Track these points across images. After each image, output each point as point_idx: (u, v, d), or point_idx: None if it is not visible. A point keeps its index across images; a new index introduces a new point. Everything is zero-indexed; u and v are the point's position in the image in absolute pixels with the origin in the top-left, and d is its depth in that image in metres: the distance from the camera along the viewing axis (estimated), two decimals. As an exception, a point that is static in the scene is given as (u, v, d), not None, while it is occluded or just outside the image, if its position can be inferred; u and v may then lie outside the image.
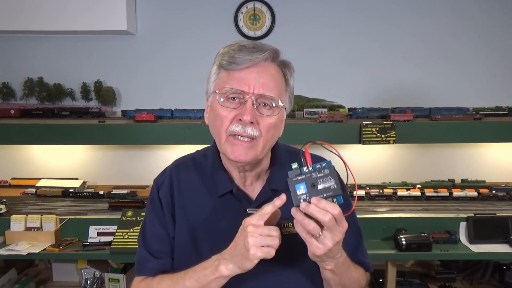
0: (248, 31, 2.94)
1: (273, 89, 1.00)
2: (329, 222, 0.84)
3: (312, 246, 0.88)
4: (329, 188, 0.85)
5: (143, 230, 1.15)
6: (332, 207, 0.84)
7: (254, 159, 1.01)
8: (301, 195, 0.86)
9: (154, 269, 1.09)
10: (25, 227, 2.28)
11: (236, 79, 0.99)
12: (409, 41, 2.92)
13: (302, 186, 0.86)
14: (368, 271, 1.18)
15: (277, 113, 1.01)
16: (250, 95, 0.98)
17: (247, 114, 0.97)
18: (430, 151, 2.92)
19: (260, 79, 0.99)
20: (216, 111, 1.01)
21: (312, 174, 0.86)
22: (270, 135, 1.01)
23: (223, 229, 0.93)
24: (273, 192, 1.07)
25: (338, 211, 0.84)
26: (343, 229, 0.87)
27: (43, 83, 2.92)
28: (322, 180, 0.86)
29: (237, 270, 0.93)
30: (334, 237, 0.86)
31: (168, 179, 1.13)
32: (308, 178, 0.86)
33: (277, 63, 1.03)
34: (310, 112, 2.71)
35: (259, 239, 0.88)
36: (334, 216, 0.84)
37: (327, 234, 0.86)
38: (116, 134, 2.59)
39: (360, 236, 1.17)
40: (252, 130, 0.98)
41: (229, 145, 1.00)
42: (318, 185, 0.86)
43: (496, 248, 2.20)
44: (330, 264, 0.94)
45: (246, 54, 0.98)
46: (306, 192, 0.86)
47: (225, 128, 1.00)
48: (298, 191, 0.86)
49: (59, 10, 2.77)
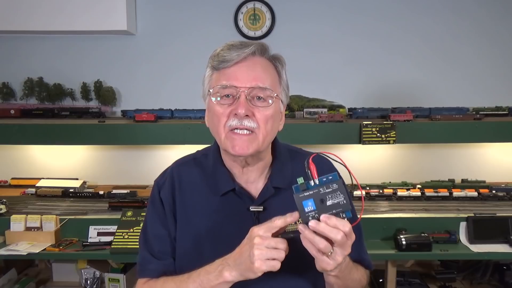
0: (248, 31, 2.94)
1: (265, 80, 1.00)
2: (341, 240, 0.83)
3: (323, 263, 0.87)
4: (338, 204, 0.83)
5: (144, 231, 1.14)
6: (342, 224, 0.83)
7: (255, 151, 1.01)
8: (310, 212, 0.83)
9: (156, 271, 1.09)
10: (25, 227, 2.28)
11: (227, 76, 1.00)
12: (409, 41, 2.92)
13: (310, 203, 0.83)
14: (368, 269, 1.18)
15: (272, 104, 1.01)
16: (243, 89, 0.98)
17: (241, 107, 0.97)
18: (430, 151, 2.92)
19: (250, 72, 0.99)
20: (213, 110, 1.02)
21: (320, 189, 0.83)
22: (269, 126, 1.01)
23: (225, 228, 0.92)
24: (276, 189, 1.07)
25: (349, 227, 0.83)
26: (352, 241, 0.87)
27: (43, 83, 2.92)
28: (331, 196, 0.83)
29: (240, 278, 0.92)
30: (344, 252, 0.86)
31: (169, 179, 1.13)
32: (316, 194, 0.83)
33: (266, 57, 1.04)
34: (310, 112, 2.72)
35: (265, 251, 0.87)
36: (345, 233, 0.83)
37: (338, 250, 0.85)
38: (116, 134, 2.59)
39: (361, 234, 1.17)
40: (249, 122, 0.99)
41: (229, 141, 1.00)
42: (326, 201, 0.83)
43: (496, 248, 2.20)
44: (335, 271, 0.93)
45: (234, 51, 0.99)
46: (315, 209, 0.83)
47: (223, 124, 1.00)
48: (306, 208, 0.83)
49: (59, 10, 2.77)
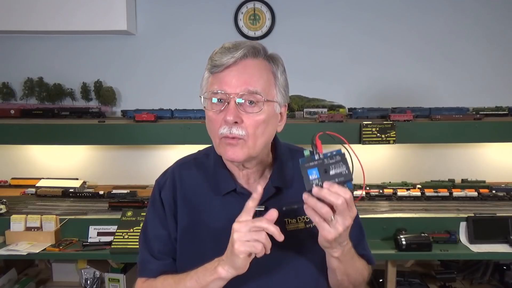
0: (248, 31, 2.94)
1: (256, 83, 0.99)
2: (341, 205, 0.86)
3: (324, 230, 0.89)
4: (341, 174, 0.87)
5: (144, 231, 1.15)
6: (344, 191, 0.86)
7: (247, 157, 1.00)
8: (314, 180, 0.88)
9: (155, 271, 1.10)
10: (25, 227, 2.28)
11: (219, 80, 0.99)
12: (410, 40, 2.92)
13: (315, 172, 0.88)
14: (370, 264, 1.19)
15: (264, 108, 1.00)
16: (233, 95, 0.97)
17: (230, 114, 0.96)
18: (430, 151, 2.92)
19: (240, 76, 0.98)
20: (207, 114, 1.03)
21: (324, 160, 0.88)
22: (259, 132, 1.00)
23: (227, 228, 0.93)
24: (277, 189, 1.07)
25: (350, 195, 0.87)
26: (353, 214, 0.89)
27: (43, 83, 2.92)
28: (334, 166, 0.88)
29: (233, 271, 0.93)
30: (345, 222, 0.88)
31: (170, 179, 1.13)
32: (320, 164, 0.88)
33: (261, 58, 1.02)
34: (310, 112, 2.72)
35: (243, 234, 0.89)
36: (346, 200, 0.86)
37: (339, 218, 0.88)
38: (116, 134, 2.59)
39: (362, 232, 1.18)
40: (237, 130, 0.97)
41: (221, 148, 1.01)
42: (330, 171, 0.88)
43: (496, 248, 2.20)
44: (338, 251, 0.96)
45: (224, 55, 0.98)
46: (318, 177, 0.88)
47: (216, 132, 1.00)
48: (311, 176, 0.88)
49: (59, 10, 2.77)
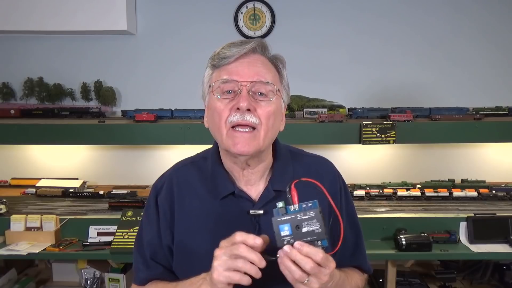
0: (248, 31, 2.94)
1: (267, 75, 0.99)
2: (311, 270, 0.82)
3: None
4: (313, 232, 0.83)
5: (138, 237, 1.14)
6: (314, 252, 0.82)
7: (257, 150, 0.99)
8: (285, 237, 0.84)
9: (144, 279, 1.10)
10: (25, 227, 2.28)
11: (228, 71, 0.99)
12: (409, 40, 2.92)
13: (287, 227, 0.84)
14: (367, 273, 1.17)
15: (274, 100, 1.00)
16: (245, 83, 0.97)
17: (244, 101, 0.95)
18: (430, 151, 2.92)
19: (252, 67, 0.99)
20: (213, 106, 1.01)
21: (297, 215, 0.84)
22: (271, 123, 0.99)
23: (225, 232, 0.90)
24: (276, 192, 1.04)
25: (321, 257, 0.82)
26: (330, 270, 0.85)
27: (43, 83, 2.92)
28: (307, 223, 0.84)
29: None
30: (320, 281, 0.85)
31: (167, 183, 1.11)
32: (293, 219, 0.84)
33: (267, 56, 1.03)
34: (310, 112, 2.71)
35: (223, 261, 0.85)
36: (318, 262, 0.82)
37: (312, 279, 0.84)
38: (116, 134, 2.58)
39: (360, 238, 1.15)
40: (251, 117, 0.96)
41: (230, 139, 0.98)
42: (302, 228, 0.84)
43: (496, 248, 2.20)
44: None
45: (234, 48, 0.99)
46: (291, 234, 0.84)
47: (224, 120, 0.98)
48: (282, 232, 0.84)
49: (59, 10, 2.77)
